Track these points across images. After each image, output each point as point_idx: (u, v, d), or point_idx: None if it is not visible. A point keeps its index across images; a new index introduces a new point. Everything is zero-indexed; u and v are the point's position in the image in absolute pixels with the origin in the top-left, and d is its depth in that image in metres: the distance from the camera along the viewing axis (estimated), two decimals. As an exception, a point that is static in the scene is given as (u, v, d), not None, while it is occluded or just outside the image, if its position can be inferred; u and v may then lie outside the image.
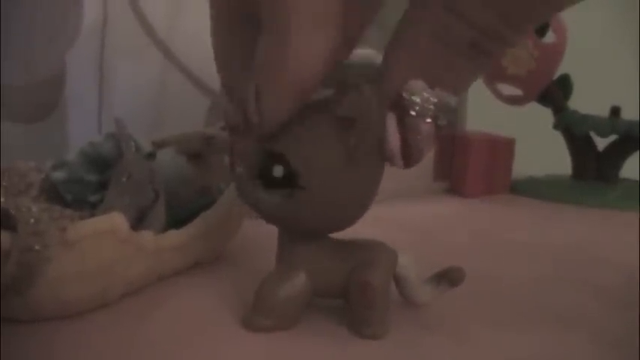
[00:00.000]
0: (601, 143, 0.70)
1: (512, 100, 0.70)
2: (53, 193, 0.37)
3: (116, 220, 0.31)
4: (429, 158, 0.69)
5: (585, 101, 0.69)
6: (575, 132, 0.69)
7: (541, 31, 0.67)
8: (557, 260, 0.45)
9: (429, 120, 0.27)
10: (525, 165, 0.71)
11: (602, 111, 0.69)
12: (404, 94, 0.27)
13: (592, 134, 0.69)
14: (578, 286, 0.40)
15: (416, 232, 0.51)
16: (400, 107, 0.28)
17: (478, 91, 0.76)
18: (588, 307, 0.37)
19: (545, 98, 0.69)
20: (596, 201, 0.66)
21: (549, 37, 0.67)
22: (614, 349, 0.31)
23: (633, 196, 0.66)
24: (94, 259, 0.31)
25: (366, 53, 0.34)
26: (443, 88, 0.27)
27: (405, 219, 0.55)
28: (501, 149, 0.69)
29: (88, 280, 0.31)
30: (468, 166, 0.66)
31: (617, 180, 0.69)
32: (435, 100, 0.27)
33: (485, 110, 0.80)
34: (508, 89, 0.70)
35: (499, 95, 0.71)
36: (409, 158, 0.29)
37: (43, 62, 0.58)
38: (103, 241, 0.31)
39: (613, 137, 0.69)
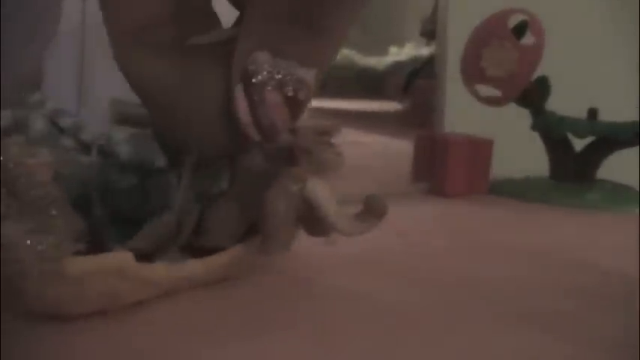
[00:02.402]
0: (578, 145, 0.70)
1: (491, 101, 0.70)
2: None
3: (123, 260, 0.30)
4: (408, 159, 0.69)
5: (564, 103, 0.70)
6: (552, 133, 0.70)
7: (519, 32, 0.68)
8: (536, 262, 0.46)
9: (270, 88, 0.30)
10: (504, 166, 0.71)
11: (580, 113, 0.70)
12: (249, 65, 0.30)
13: (570, 136, 0.70)
14: (555, 287, 0.40)
15: (396, 235, 0.51)
16: (245, 78, 0.30)
17: (456, 92, 0.76)
18: (566, 308, 0.37)
19: (523, 99, 0.70)
20: (574, 202, 0.66)
21: (528, 39, 0.67)
22: (592, 350, 0.31)
23: (611, 197, 0.67)
24: (94, 291, 0.30)
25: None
26: (296, 61, 0.30)
27: (385, 221, 0.55)
28: (480, 150, 0.69)
29: (87, 304, 0.30)
30: (448, 167, 0.66)
31: (594, 181, 0.70)
32: (280, 73, 0.30)
33: (463, 111, 0.80)
34: (486, 90, 0.70)
35: (477, 96, 0.71)
36: (261, 128, 0.30)
37: (20, 62, 0.58)
38: (106, 278, 0.30)
39: (591, 139, 0.69)
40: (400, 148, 0.89)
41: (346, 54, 1.35)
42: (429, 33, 1.41)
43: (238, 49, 0.30)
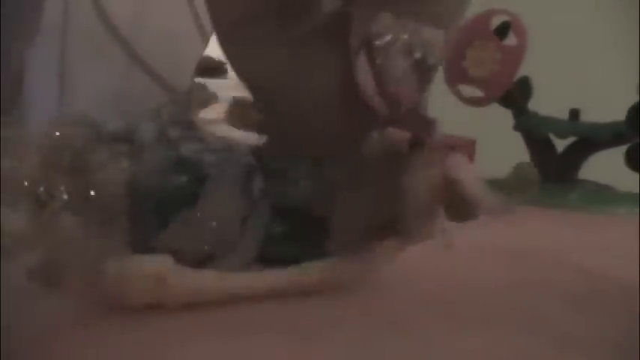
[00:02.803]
0: (560, 145, 0.70)
1: (473, 102, 0.71)
2: None
3: (163, 267, 0.30)
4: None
5: (546, 103, 0.70)
6: (534, 134, 0.70)
7: (502, 33, 0.68)
8: (517, 262, 0.46)
9: (397, 52, 0.26)
10: (486, 166, 0.72)
11: (562, 113, 0.70)
12: (371, 28, 0.27)
13: (552, 136, 0.70)
14: (538, 287, 0.40)
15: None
16: (367, 42, 0.27)
17: (438, 93, 0.76)
18: (550, 309, 0.37)
19: (505, 100, 0.70)
20: (556, 202, 0.66)
21: (510, 40, 0.67)
22: (576, 351, 0.31)
23: (592, 198, 0.67)
24: (133, 295, 0.30)
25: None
26: (422, 22, 0.27)
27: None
28: (462, 150, 0.69)
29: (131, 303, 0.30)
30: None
31: (576, 181, 0.70)
32: (406, 36, 0.26)
33: (445, 111, 0.80)
34: (469, 90, 0.70)
35: (460, 96, 0.71)
36: (387, 98, 0.27)
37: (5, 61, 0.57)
38: (146, 283, 0.30)
39: (572, 139, 0.70)
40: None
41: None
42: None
43: (356, 15, 0.28)
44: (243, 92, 0.34)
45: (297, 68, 0.30)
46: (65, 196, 0.28)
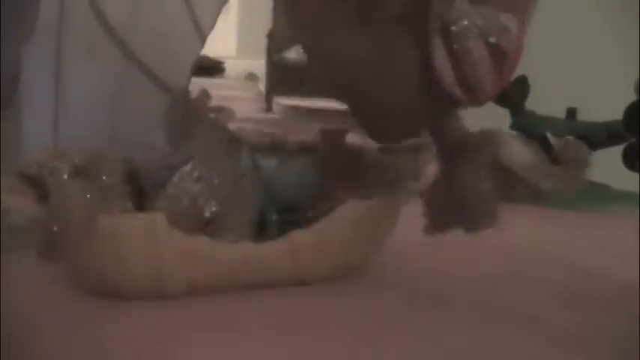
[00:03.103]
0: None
1: (470, 101, 0.71)
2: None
3: (153, 221, 0.31)
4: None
5: (542, 102, 0.70)
6: (531, 133, 0.70)
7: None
8: (513, 260, 0.46)
9: (473, 37, 0.28)
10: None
11: (560, 112, 0.70)
12: (448, 14, 0.28)
13: (549, 135, 0.70)
14: (532, 286, 0.40)
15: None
16: (444, 28, 0.28)
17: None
18: (543, 307, 0.37)
19: (502, 99, 0.70)
20: (553, 201, 0.66)
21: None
22: (568, 349, 0.31)
23: (589, 197, 0.67)
24: (130, 253, 0.30)
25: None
26: (498, 9, 0.28)
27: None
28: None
29: (133, 270, 0.31)
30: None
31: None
32: (481, 21, 0.28)
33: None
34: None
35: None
36: (467, 84, 0.29)
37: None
38: (138, 239, 0.30)
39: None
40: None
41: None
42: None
43: (434, 1, 0.28)
44: (239, 90, 0.34)
45: (374, 54, 0.31)
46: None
